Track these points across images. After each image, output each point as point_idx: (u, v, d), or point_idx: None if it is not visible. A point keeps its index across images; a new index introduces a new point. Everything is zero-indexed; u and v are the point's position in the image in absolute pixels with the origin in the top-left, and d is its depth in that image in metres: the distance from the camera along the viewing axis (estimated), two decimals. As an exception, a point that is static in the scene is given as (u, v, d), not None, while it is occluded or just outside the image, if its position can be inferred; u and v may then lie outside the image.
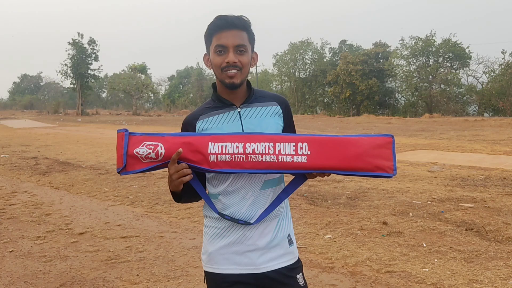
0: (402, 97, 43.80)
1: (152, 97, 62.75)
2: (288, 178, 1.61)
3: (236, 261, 1.59)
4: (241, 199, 1.58)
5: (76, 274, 3.77)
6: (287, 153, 1.48)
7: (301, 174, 1.56)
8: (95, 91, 65.53)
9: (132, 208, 6.04)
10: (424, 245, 4.28)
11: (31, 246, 4.49)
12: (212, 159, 1.49)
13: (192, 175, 1.51)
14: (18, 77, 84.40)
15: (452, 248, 4.18)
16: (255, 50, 1.67)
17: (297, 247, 1.78)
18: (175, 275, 3.71)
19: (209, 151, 1.49)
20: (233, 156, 1.48)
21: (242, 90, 1.65)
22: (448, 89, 37.76)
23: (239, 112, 1.63)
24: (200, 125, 1.63)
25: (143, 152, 1.52)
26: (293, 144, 1.49)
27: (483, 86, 38.78)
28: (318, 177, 1.53)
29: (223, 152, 1.48)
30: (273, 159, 1.47)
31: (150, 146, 1.52)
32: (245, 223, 1.56)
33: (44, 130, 23.00)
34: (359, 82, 40.68)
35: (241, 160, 1.48)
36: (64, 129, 24.00)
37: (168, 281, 3.60)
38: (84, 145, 14.75)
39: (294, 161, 1.48)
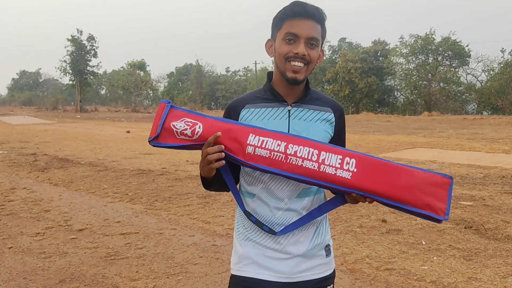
0: (401, 95, 43.84)
1: (151, 94, 62.66)
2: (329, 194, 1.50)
3: (267, 266, 1.48)
4: (277, 203, 1.47)
5: (76, 270, 3.76)
6: (331, 164, 1.34)
7: (341, 195, 1.42)
8: (94, 88, 65.44)
9: (131, 205, 6.03)
10: (423, 243, 4.29)
11: (30, 243, 4.48)
12: (249, 150, 1.37)
13: (224, 162, 1.39)
14: (16, 73, 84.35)
15: (451, 246, 4.19)
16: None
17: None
18: (174, 272, 3.71)
19: (248, 142, 1.38)
20: (272, 153, 1.36)
21: (300, 88, 1.51)
22: (447, 87, 37.79)
23: (289, 111, 1.49)
24: (244, 114, 1.50)
25: (180, 127, 1.42)
26: (340, 156, 1.35)
27: (482, 84, 38.82)
28: (359, 201, 1.38)
29: (263, 146, 1.37)
30: (314, 166, 1.34)
31: (189, 123, 1.42)
32: (269, 231, 1.45)
33: (43, 127, 22.96)
34: (358, 80, 40.68)
35: (279, 159, 1.35)
36: (63, 126, 23.97)
37: (168, 277, 3.60)
38: (83, 141, 14.73)
39: (337, 174, 1.34)
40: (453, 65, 39.58)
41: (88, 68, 45.35)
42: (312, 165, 1.35)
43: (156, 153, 11.52)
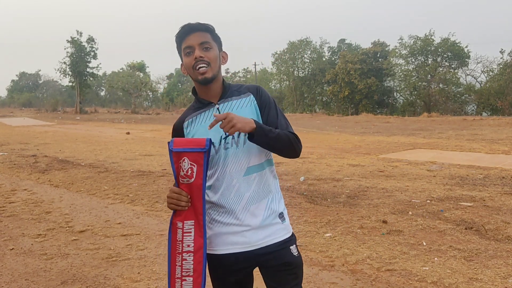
0: (401, 96, 43.87)
1: (151, 96, 62.71)
2: (277, 160, 1.59)
3: (233, 241, 1.71)
4: (228, 186, 1.71)
5: (77, 272, 3.77)
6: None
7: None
8: (93, 89, 65.39)
9: (132, 206, 6.04)
10: (424, 243, 4.30)
11: (32, 244, 4.49)
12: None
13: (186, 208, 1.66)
14: (16, 75, 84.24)
15: (452, 246, 4.20)
16: (224, 50, 1.81)
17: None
18: (176, 273, 3.71)
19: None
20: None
21: (217, 87, 1.77)
22: (446, 88, 37.82)
23: (218, 108, 1.75)
24: (186, 126, 1.78)
25: (184, 167, 1.64)
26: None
27: (482, 85, 38.87)
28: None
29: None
30: None
31: (189, 170, 1.64)
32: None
33: (43, 128, 22.97)
34: (357, 81, 40.71)
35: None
36: (63, 127, 23.98)
37: (169, 279, 3.60)
38: (83, 143, 14.73)
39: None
40: (453, 66, 39.62)
41: (87, 69, 45.30)
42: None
43: (156, 154, 11.53)
